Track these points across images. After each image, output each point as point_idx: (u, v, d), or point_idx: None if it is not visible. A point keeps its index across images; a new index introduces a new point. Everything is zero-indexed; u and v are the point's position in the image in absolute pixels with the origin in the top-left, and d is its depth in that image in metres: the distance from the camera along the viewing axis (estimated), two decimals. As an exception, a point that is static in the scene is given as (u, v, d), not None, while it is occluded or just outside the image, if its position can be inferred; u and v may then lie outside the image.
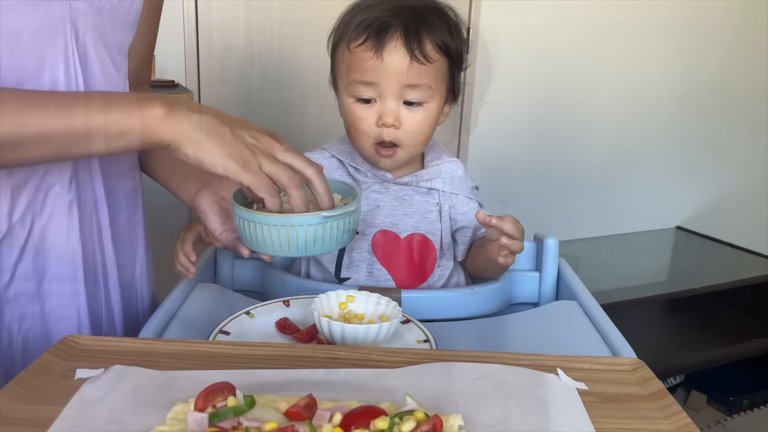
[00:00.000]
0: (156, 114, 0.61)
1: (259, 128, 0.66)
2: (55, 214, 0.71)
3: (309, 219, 0.65)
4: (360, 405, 0.48)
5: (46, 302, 0.73)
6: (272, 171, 0.63)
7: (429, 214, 0.91)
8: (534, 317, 0.80)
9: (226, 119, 0.64)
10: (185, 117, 0.62)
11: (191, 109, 0.63)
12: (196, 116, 0.63)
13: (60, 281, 0.73)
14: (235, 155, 0.62)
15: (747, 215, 2.71)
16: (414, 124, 0.84)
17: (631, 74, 2.42)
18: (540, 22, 2.22)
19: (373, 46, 0.81)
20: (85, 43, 0.70)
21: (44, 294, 0.73)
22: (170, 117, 0.61)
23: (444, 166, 0.93)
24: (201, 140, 0.62)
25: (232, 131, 0.63)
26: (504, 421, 0.48)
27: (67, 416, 0.47)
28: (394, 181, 0.91)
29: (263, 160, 0.63)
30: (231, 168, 0.62)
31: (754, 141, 2.71)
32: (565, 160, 2.42)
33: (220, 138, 0.62)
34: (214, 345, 0.61)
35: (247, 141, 0.63)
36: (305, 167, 0.66)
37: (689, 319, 2.29)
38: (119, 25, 0.75)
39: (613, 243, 2.55)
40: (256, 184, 0.63)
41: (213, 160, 0.62)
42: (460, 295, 0.84)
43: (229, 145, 0.62)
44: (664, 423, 0.50)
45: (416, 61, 0.81)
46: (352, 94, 0.84)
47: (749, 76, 2.61)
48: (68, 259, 0.74)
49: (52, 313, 0.74)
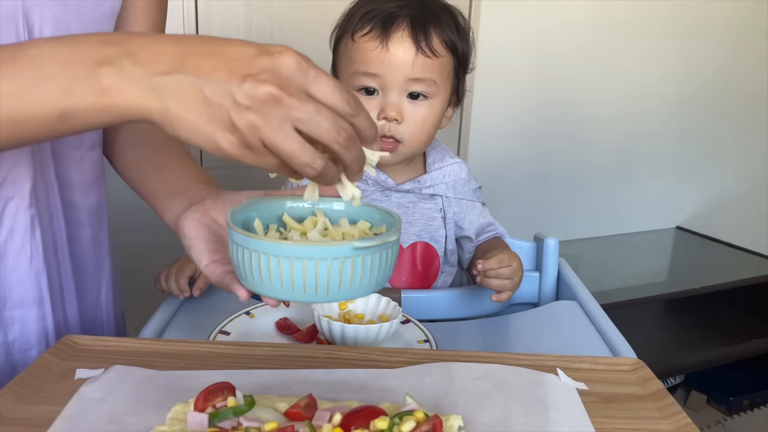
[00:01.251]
0: (105, 88, 0.42)
1: (258, 64, 0.42)
2: (15, 231, 0.62)
3: (336, 250, 0.45)
4: (360, 405, 0.47)
5: (9, 331, 0.65)
6: (276, 146, 0.41)
7: (433, 221, 0.89)
8: (534, 317, 0.80)
9: (200, 66, 0.42)
10: (143, 84, 0.42)
11: (149, 66, 0.42)
12: (159, 78, 0.42)
13: (23, 306, 0.65)
14: (226, 132, 0.42)
15: (747, 215, 2.71)
16: (417, 119, 0.82)
17: (632, 75, 2.42)
18: (540, 22, 2.22)
19: (379, 35, 0.79)
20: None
21: (6, 322, 0.64)
22: (124, 88, 0.42)
23: (447, 169, 0.91)
24: (174, 112, 0.42)
25: (211, 92, 0.41)
26: (504, 421, 0.48)
27: (67, 416, 0.47)
28: (396, 188, 0.88)
29: (265, 131, 0.41)
30: (223, 150, 0.42)
31: (754, 141, 2.71)
32: (565, 160, 2.42)
33: (197, 106, 0.42)
34: (214, 345, 0.61)
35: (238, 104, 0.41)
36: (329, 131, 0.42)
37: (689, 319, 2.28)
38: (89, 19, 0.64)
39: (613, 243, 2.55)
40: (257, 163, 0.43)
41: (199, 141, 0.43)
42: (460, 295, 0.84)
43: (214, 117, 0.41)
44: (664, 423, 0.50)
45: (422, 54, 0.79)
46: (354, 86, 0.82)
47: (749, 77, 2.60)
48: (33, 280, 0.65)
49: (16, 342, 0.65)
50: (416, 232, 0.88)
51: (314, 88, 0.42)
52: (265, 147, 0.42)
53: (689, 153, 2.62)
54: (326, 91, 0.42)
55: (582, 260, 2.32)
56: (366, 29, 0.80)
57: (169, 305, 0.76)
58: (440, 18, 0.81)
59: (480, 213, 0.92)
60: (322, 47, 0.89)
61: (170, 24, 2.03)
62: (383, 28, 0.79)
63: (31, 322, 0.66)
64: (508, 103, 2.27)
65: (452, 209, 0.90)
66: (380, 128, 0.81)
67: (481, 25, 2.12)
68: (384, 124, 0.81)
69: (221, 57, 0.42)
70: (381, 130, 0.82)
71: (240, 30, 1.91)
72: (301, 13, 1.95)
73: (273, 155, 0.42)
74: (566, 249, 0.96)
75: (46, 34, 0.60)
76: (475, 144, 2.26)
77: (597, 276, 2.18)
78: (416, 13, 0.80)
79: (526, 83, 2.28)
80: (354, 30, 0.81)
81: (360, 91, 0.82)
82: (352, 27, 0.81)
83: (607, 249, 2.51)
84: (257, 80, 0.41)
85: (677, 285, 2.21)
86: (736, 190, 2.73)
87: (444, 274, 0.90)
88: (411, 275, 0.88)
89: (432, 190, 0.89)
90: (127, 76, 0.43)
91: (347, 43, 0.82)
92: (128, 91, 0.43)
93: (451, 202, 0.90)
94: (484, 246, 0.91)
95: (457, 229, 0.91)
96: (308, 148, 0.42)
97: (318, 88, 0.42)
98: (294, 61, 0.42)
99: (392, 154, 0.84)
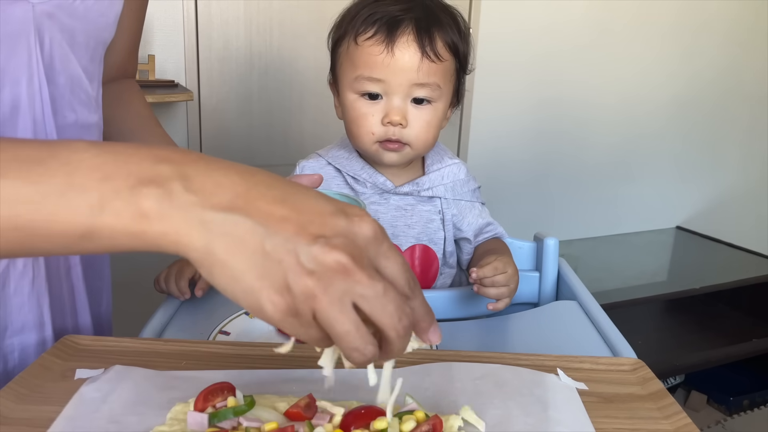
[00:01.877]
0: (144, 213, 0.36)
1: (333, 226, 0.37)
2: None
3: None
4: (360, 405, 0.47)
5: (9, 360, 0.63)
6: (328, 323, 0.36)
7: (431, 223, 0.89)
8: (534, 317, 0.80)
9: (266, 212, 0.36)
10: (193, 216, 0.36)
11: (206, 196, 0.36)
12: (212, 214, 0.36)
13: (23, 332, 0.63)
14: (275, 293, 0.36)
15: (747, 215, 2.72)
16: (421, 123, 0.81)
17: (632, 75, 2.42)
18: (540, 23, 2.22)
19: (384, 39, 0.78)
20: (51, 52, 0.60)
21: (6, 350, 0.62)
22: (168, 217, 0.36)
23: (446, 170, 0.90)
24: (219, 256, 0.36)
25: (272, 245, 0.36)
26: (504, 421, 0.48)
27: (67, 416, 0.47)
28: (394, 191, 0.88)
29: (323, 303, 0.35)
30: (264, 313, 0.36)
31: (754, 142, 2.71)
32: (565, 160, 2.42)
33: (250, 256, 0.36)
34: (214, 345, 0.61)
35: (300, 267, 0.36)
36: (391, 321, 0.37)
37: (689, 319, 2.29)
38: (93, 28, 0.64)
39: (613, 243, 2.55)
40: (303, 337, 0.37)
41: (237, 295, 0.37)
42: (460, 295, 0.84)
43: (266, 273, 0.36)
44: (664, 423, 0.50)
45: (427, 59, 0.78)
46: (357, 90, 0.81)
47: (750, 77, 2.61)
48: (34, 303, 0.63)
49: (15, 371, 0.62)
50: (415, 234, 0.88)
51: (384, 263, 0.38)
52: (315, 319, 0.36)
53: (689, 153, 2.63)
54: (395, 270, 0.38)
55: (582, 260, 2.32)
56: (370, 33, 0.78)
57: (169, 305, 0.76)
58: (443, 21, 0.80)
59: (479, 214, 0.92)
60: (322, 47, 0.89)
61: (170, 24, 2.03)
62: (388, 32, 0.78)
63: (30, 348, 0.64)
64: (508, 103, 2.27)
65: (451, 211, 0.90)
66: (384, 133, 0.81)
67: (481, 25, 2.12)
68: (388, 129, 0.81)
69: (292, 207, 0.37)
70: (385, 136, 0.81)
71: (240, 30, 1.91)
72: (301, 13, 1.95)
73: (319, 329, 0.36)
74: (566, 249, 0.96)
75: (55, 46, 0.60)
76: (475, 144, 2.26)
77: (597, 276, 2.19)
78: (420, 16, 0.79)
79: (526, 83, 2.28)
80: (357, 33, 0.79)
81: (363, 96, 0.81)
82: (354, 30, 0.80)
83: (607, 249, 2.51)
84: (329, 245, 0.36)
85: (677, 285, 2.21)
86: (736, 190, 2.73)
87: (443, 275, 0.90)
88: None
89: (431, 192, 0.89)
90: (175, 202, 0.36)
91: (349, 46, 0.81)
92: (171, 221, 0.36)
93: (450, 204, 0.90)
94: (482, 248, 0.91)
95: (456, 231, 0.91)
96: (364, 331, 0.36)
97: (388, 263, 0.38)
98: (371, 230, 0.38)
99: (398, 154, 0.83)
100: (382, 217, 0.87)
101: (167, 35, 1.83)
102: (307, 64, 1.98)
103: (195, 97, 1.85)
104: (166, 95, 1.64)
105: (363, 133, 0.82)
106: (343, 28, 0.82)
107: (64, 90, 0.63)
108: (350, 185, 0.89)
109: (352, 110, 0.82)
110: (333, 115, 0.89)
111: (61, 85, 0.63)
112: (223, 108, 1.95)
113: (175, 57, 1.85)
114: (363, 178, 0.88)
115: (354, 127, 0.83)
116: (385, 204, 0.88)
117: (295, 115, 2.04)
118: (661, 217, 2.68)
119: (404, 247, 0.87)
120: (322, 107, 1.98)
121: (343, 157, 0.89)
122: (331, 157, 0.90)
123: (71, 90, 0.64)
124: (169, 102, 1.77)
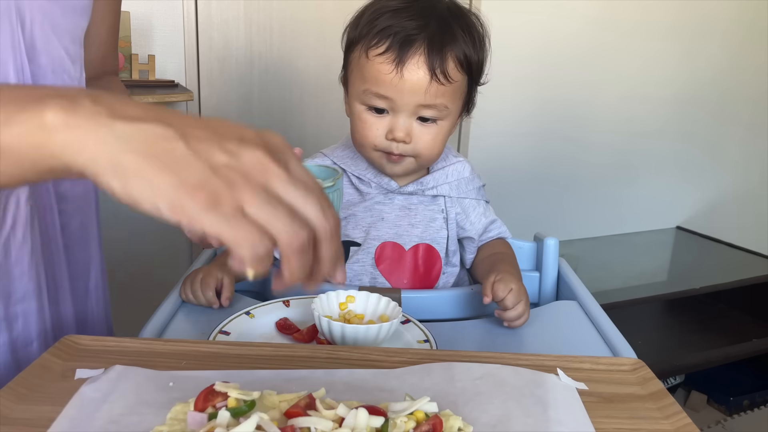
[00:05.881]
0: (47, 121, 0.36)
1: (245, 133, 0.39)
2: (17, 225, 0.63)
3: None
4: (360, 405, 0.47)
5: (14, 327, 0.64)
6: (260, 213, 0.36)
7: (434, 222, 0.89)
8: (534, 317, 0.80)
9: (179, 123, 0.37)
10: (100, 124, 0.36)
11: (114, 109, 0.37)
12: (122, 123, 0.36)
13: (25, 301, 0.65)
14: (195, 186, 0.35)
15: (747, 215, 2.72)
16: (426, 140, 0.82)
17: (632, 75, 2.42)
18: (541, 23, 2.22)
19: (395, 59, 0.77)
20: (33, 33, 0.61)
21: (11, 318, 0.64)
22: (72, 125, 0.36)
23: (450, 168, 0.90)
24: (130, 164, 0.35)
25: (187, 144, 0.36)
26: (504, 422, 0.48)
27: (67, 416, 0.47)
28: (399, 190, 0.88)
29: (246, 193, 0.36)
30: (185, 208, 0.35)
31: (754, 142, 2.71)
32: (565, 161, 2.42)
33: (165, 158, 0.36)
34: (214, 345, 0.61)
35: (217, 160, 0.37)
36: (317, 215, 0.39)
37: (689, 319, 2.29)
38: (70, 10, 0.65)
39: (613, 243, 2.55)
40: (231, 234, 0.36)
41: (154, 197, 0.36)
42: (461, 295, 0.84)
43: (183, 170, 0.36)
44: (664, 423, 0.50)
45: (436, 81, 0.78)
46: (364, 102, 0.81)
47: (750, 77, 2.61)
48: (33, 273, 0.65)
49: (19, 338, 0.65)
50: (418, 234, 0.88)
51: (294, 167, 0.39)
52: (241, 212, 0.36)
53: (689, 153, 2.63)
54: (302, 172, 0.40)
55: (582, 260, 2.32)
56: (381, 48, 0.78)
57: (169, 305, 0.76)
58: (457, 36, 0.79)
59: (483, 212, 0.92)
60: (322, 47, 0.89)
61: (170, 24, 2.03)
62: (399, 50, 0.77)
63: (32, 315, 0.66)
64: (509, 104, 2.27)
65: (455, 209, 0.90)
66: (387, 147, 0.82)
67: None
68: (392, 144, 0.81)
69: (206, 126, 0.38)
70: (388, 149, 0.82)
71: (240, 30, 1.91)
72: (301, 13, 1.95)
73: (247, 221, 0.36)
74: (566, 249, 0.96)
75: (36, 27, 0.61)
76: (476, 144, 2.26)
77: (597, 276, 2.19)
78: (434, 32, 0.78)
79: (526, 83, 2.28)
80: (369, 45, 0.79)
81: (370, 109, 0.82)
82: (368, 40, 0.79)
83: (607, 249, 2.51)
84: (245, 142, 0.37)
85: (677, 285, 2.21)
86: (736, 190, 2.73)
87: (446, 275, 0.90)
88: (413, 277, 0.88)
89: (435, 191, 0.89)
90: (81, 112, 0.35)
91: (360, 56, 0.80)
92: (76, 130, 0.35)
93: (454, 202, 0.90)
94: (486, 252, 0.91)
95: (459, 230, 0.91)
96: (296, 216, 0.38)
97: (297, 168, 0.40)
98: (280, 139, 0.40)
99: (400, 165, 0.84)
100: (386, 216, 0.88)
101: (167, 35, 1.83)
102: (307, 64, 1.98)
103: (195, 97, 1.85)
104: (166, 95, 1.64)
105: (366, 144, 0.83)
106: (358, 31, 0.81)
107: (46, 70, 0.64)
108: (355, 185, 0.89)
109: (358, 119, 0.83)
110: (333, 115, 0.89)
111: (43, 66, 0.63)
112: (223, 108, 1.95)
113: (175, 57, 1.85)
114: (368, 178, 0.88)
115: (358, 136, 0.84)
116: (389, 204, 0.88)
117: (295, 115, 2.04)
118: (661, 217, 2.68)
119: (408, 247, 0.88)
120: (322, 107, 1.98)
121: (347, 157, 0.90)
122: (336, 157, 0.91)
123: (53, 70, 0.65)
124: (169, 102, 1.77)
